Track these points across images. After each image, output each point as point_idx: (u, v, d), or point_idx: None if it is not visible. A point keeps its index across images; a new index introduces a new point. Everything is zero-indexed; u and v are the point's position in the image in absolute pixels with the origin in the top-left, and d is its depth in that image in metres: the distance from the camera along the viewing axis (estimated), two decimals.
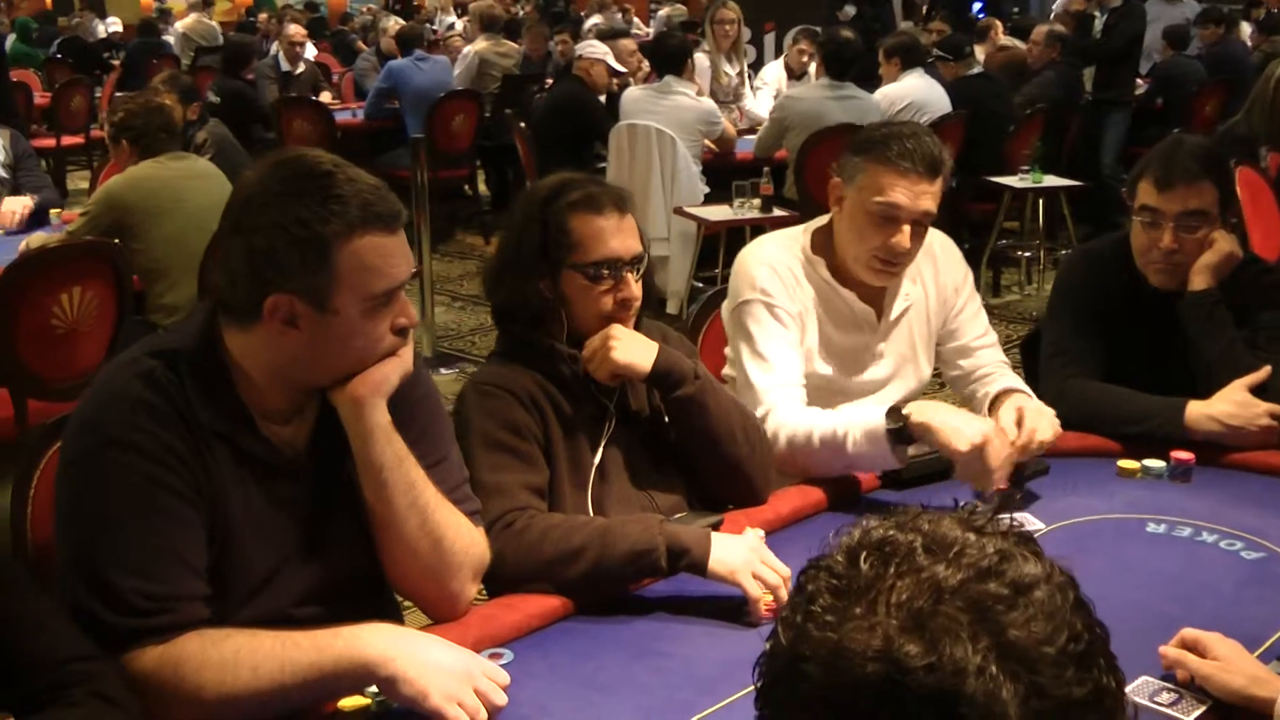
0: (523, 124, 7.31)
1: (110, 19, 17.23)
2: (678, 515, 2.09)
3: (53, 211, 5.04)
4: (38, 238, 4.30)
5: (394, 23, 9.51)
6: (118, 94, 5.13)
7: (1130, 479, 2.39)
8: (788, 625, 0.86)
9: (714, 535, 1.89)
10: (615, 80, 7.35)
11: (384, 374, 1.71)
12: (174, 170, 4.30)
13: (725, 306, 2.63)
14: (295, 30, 10.27)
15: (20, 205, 4.81)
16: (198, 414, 1.66)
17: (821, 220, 2.58)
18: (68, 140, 10.09)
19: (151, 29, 14.32)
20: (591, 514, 2.06)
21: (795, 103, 6.51)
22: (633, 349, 2.07)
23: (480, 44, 9.16)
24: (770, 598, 1.83)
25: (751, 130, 7.33)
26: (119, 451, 1.60)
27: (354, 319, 1.65)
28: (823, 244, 2.54)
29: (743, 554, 1.86)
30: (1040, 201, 7.03)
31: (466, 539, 1.81)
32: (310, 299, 1.63)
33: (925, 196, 2.35)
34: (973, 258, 4.42)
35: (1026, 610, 0.82)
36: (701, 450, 2.16)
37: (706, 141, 6.70)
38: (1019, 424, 2.29)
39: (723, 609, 1.86)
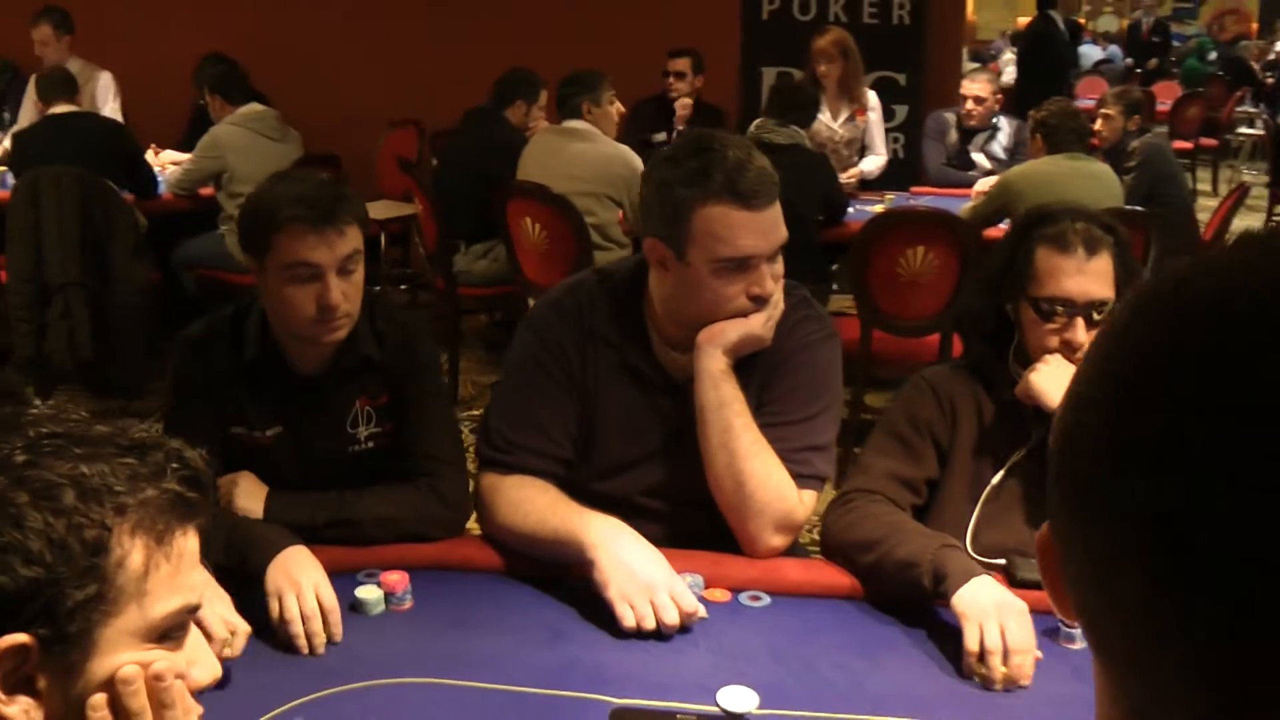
0: None
1: None
2: (1030, 559, 1.97)
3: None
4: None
5: None
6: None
7: None
8: None
9: (977, 576, 1.76)
10: None
11: (723, 329, 1.93)
12: (1065, 168, 4.63)
13: None
14: None
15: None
16: (595, 323, 2.03)
17: None
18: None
19: None
20: (970, 530, 2.03)
21: None
22: (1052, 380, 1.98)
23: None
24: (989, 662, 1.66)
25: None
26: (528, 334, 2.07)
27: (704, 274, 1.89)
28: None
29: (984, 605, 1.70)
30: None
31: (773, 492, 1.93)
32: (672, 247, 1.90)
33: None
34: None
35: None
36: None
37: None
38: None
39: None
